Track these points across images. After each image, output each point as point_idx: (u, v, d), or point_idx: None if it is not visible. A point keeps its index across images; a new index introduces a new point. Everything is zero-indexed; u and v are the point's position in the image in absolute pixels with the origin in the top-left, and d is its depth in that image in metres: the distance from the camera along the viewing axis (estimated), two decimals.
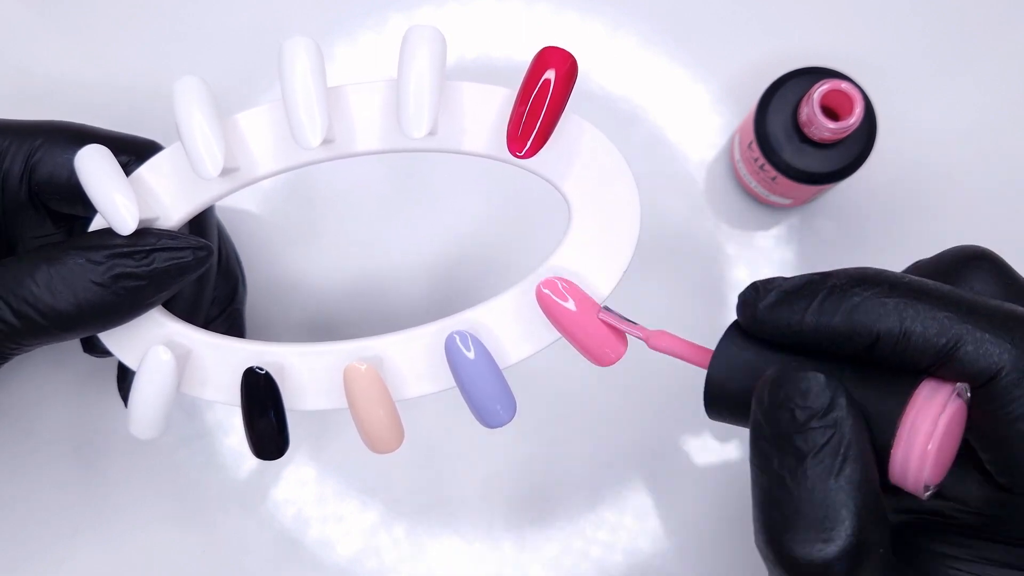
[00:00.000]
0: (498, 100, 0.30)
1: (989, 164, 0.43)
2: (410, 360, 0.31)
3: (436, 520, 0.42)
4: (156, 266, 0.29)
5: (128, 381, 0.31)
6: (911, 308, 0.23)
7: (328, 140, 0.29)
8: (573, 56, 0.28)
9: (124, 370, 0.37)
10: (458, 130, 0.30)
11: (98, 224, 0.31)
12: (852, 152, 0.38)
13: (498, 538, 0.42)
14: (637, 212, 0.30)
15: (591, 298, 0.29)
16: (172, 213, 0.31)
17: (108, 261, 0.29)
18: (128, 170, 0.30)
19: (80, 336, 0.30)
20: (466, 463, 0.42)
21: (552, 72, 0.28)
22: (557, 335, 0.30)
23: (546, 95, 0.28)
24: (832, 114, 0.37)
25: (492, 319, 0.30)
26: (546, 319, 0.29)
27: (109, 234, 0.29)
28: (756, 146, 0.39)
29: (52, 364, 0.42)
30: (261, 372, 0.30)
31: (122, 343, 0.31)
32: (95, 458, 0.42)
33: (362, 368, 0.29)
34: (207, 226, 0.35)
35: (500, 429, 0.30)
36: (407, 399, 0.31)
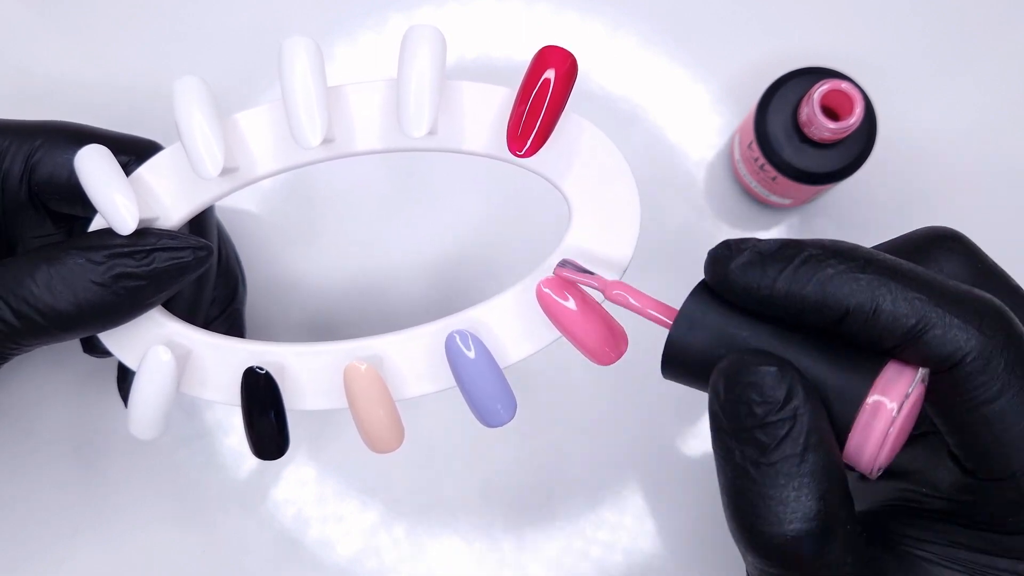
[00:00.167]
0: (498, 99, 0.30)
1: (989, 164, 0.43)
2: (410, 359, 0.31)
3: (436, 520, 0.42)
4: (156, 266, 0.29)
5: (128, 381, 0.31)
6: (884, 286, 0.22)
7: (328, 140, 0.29)
8: (573, 55, 0.28)
9: (124, 370, 0.36)
10: (458, 130, 0.30)
11: (98, 224, 0.31)
12: (852, 152, 0.38)
13: (498, 538, 0.42)
14: (637, 211, 0.30)
15: (591, 297, 0.29)
16: (172, 213, 0.31)
17: (108, 261, 0.29)
18: (128, 170, 0.30)
19: (80, 336, 0.30)
20: (466, 463, 0.42)
21: (552, 71, 0.28)
22: (557, 334, 0.30)
23: (546, 94, 0.28)
24: (832, 114, 0.37)
25: (492, 318, 0.30)
26: (546, 318, 0.29)
27: (109, 234, 0.29)
28: (756, 146, 0.39)
29: (52, 364, 0.42)
30: (261, 372, 0.30)
31: (122, 343, 0.31)
32: (95, 458, 0.42)
33: (362, 368, 0.29)
34: (207, 226, 0.35)
35: (500, 429, 0.30)
36: (407, 399, 0.31)
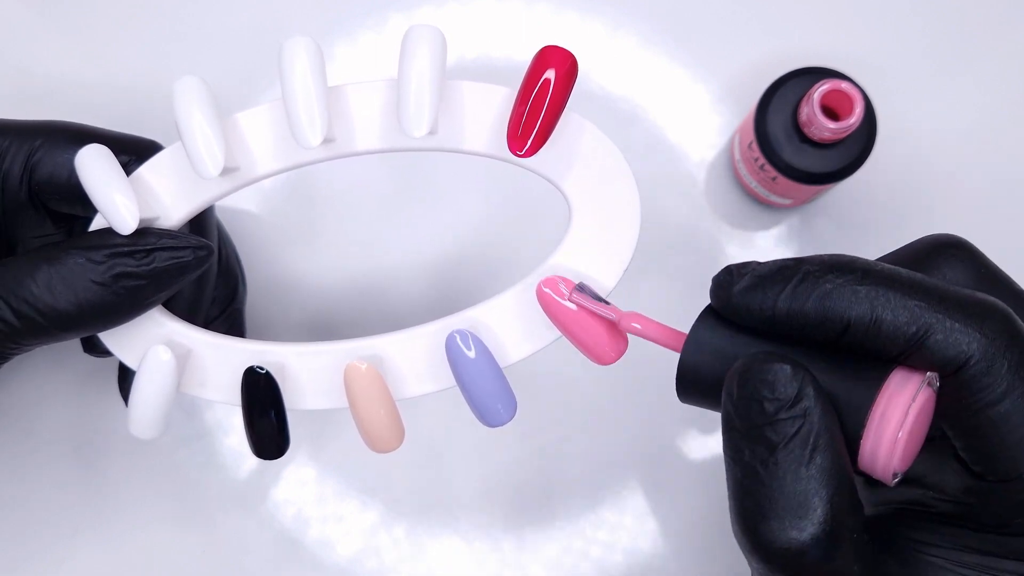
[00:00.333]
0: (498, 99, 0.30)
1: (989, 164, 0.43)
2: (410, 359, 0.31)
3: (436, 520, 0.42)
4: (156, 265, 0.29)
5: (129, 381, 0.31)
6: (882, 296, 0.23)
7: (328, 139, 0.29)
8: (573, 55, 0.28)
9: (125, 370, 0.36)
10: (458, 129, 0.30)
11: (98, 224, 0.31)
12: (852, 152, 0.38)
13: (498, 538, 0.42)
14: (637, 211, 0.30)
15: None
16: (172, 213, 0.31)
17: (108, 260, 0.29)
18: (128, 170, 0.30)
19: (80, 336, 0.30)
20: (466, 463, 0.42)
21: (552, 71, 0.28)
22: (557, 334, 0.30)
23: (546, 94, 0.28)
24: (832, 114, 0.37)
25: (492, 318, 0.30)
26: (546, 318, 0.29)
27: (109, 234, 0.29)
28: (756, 146, 0.39)
29: (52, 364, 0.42)
30: (261, 371, 0.30)
31: (122, 343, 0.31)
32: (95, 458, 0.42)
33: (362, 367, 0.29)
34: (207, 226, 0.35)
35: (500, 428, 0.30)
36: (407, 398, 0.31)
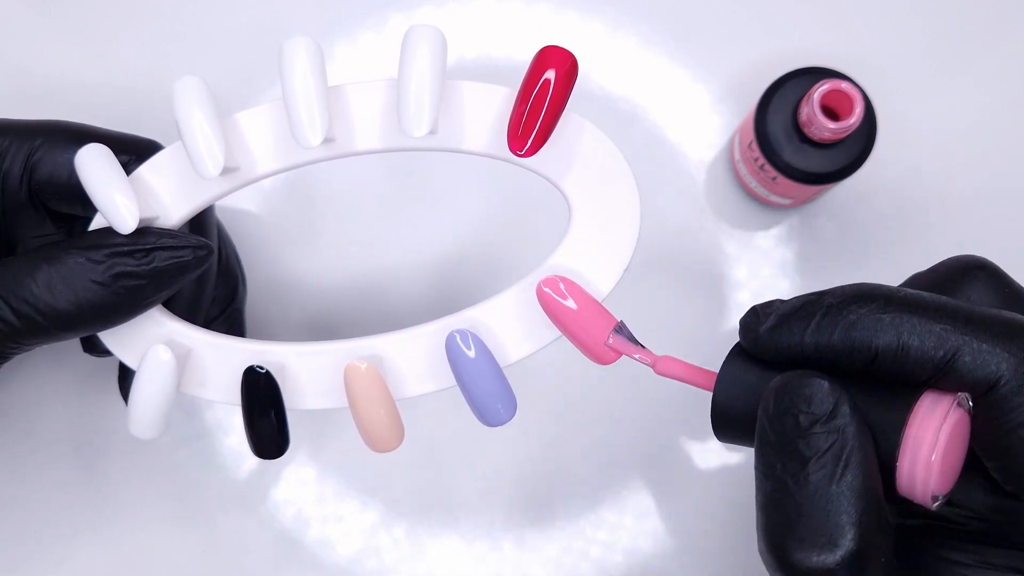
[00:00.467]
0: (498, 99, 0.30)
1: (989, 164, 0.43)
2: (410, 359, 0.31)
3: (436, 520, 0.42)
4: (156, 265, 0.29)
5: (129, 381, 0.31)
6: (907, 322, 0.23)
7: (328, 139, 0.29)
8: (573, 55, 0.28)
9: (125, 370, 0.36)
10: (458, 129, 0.30)
11: (98, 223, 0.31)
12: (852, 152, 0.38)
13: (498, 538, 0.42)
14: (637, 211, 0.30)
15: (592, 296, 0.29)
16: (172, 212, 0.31)
17: (108, 260, 0.29)
18: (128, 170, 0.30)
19: (80, 335, 0.30)
20: (466, 463, 0.42)
21: (553, 71, 0.28)
22: (557, 334, 0.30)
23: (546, 94, 0.28)
24: (832, 114, 0.37)
25: (492, 318, 0.30)
26: (546, 318, 0.29)
27: (109, 233, 0.29)
28: (756, 146, 0.39)
29: (52, 364, 0.42)
30: (261, 371, 0.30)
31: (122, 343, 0.31)
32: (95, 458, 0.42)
33: (362, 367, 0.29)
34: (207, 226, 0.35)
35: (500, 428, 0.30)
36: (407, 398, 0.31)
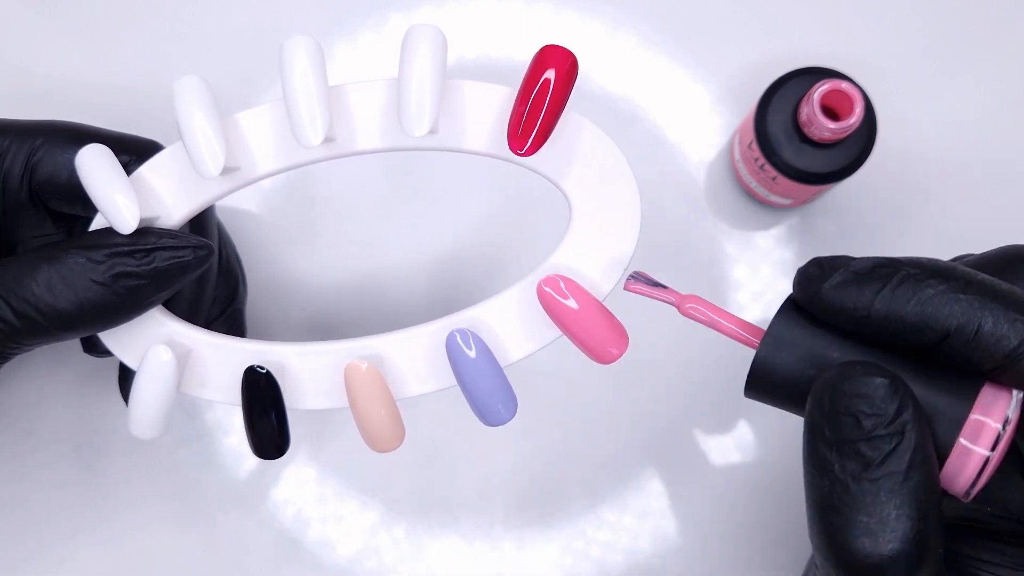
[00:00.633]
0: (499, 99, 0.30)
1: (989, 164, 0.43)
2: (411, 359, 0.31)
3: (436, 520, 0.42)
4: (157, 265, 0.29)
5: (129, 381, 0.31)
6: (986, 307, 0.22)
7: (329, 139, 0.29)
8: (574, 55, 0.28)
9: (126, 370, 0.36)
10: (459, 129, 0.30)
11: (98, 223, 0.31)
12: (852, 152, 0.38)
13: (498, 538, 0.42)
14: (637, 211, 0.30)
15: (592, 296, 0.29)
16: (173, 212, 0.31)
17: (109, 260, 0.29)
18: (129, 170, 0.30)
19: (80, 335, 0.30)
20: (466, 463, 0.42)
21: (553, 71, 0.28)
22: (558, 333, 0.30)
23: (547, 93, 0.28)
24: (832, 114, 0.37)
25: (493, 317, 0.30)
26: (547, 317, 0.29)
27: (110, 233, 0.29)
28: (756, 146, 0.39)
29: (52, 364, 0.42)
30: (262, 371, 0.30)
31: (122, 343, 0.31)
32: (95, 458, 0.42)
33: (363, 367, 0.29)
34: (207, 226, 0.35)
35: (501, 428, 0.30)
36: (408, 398, 0.31)
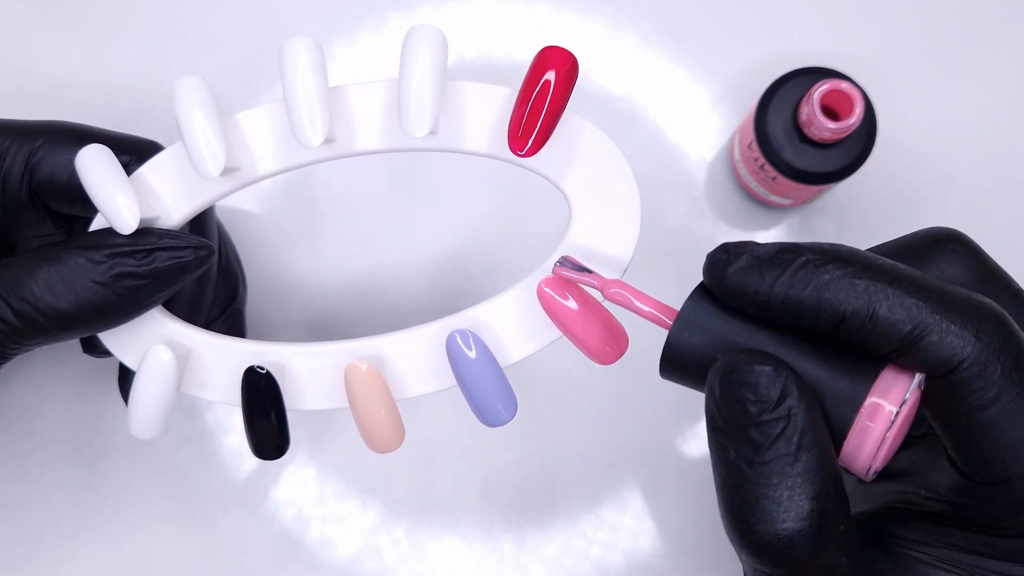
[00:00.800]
0: (499, 99, 0.30)
1: (989, 164, 0.43)
2: (411, 359, 0.31)
3: (436, 520, 0.42)
4: (157, 265, 0.29)
5: (129, 381, 0.31)
6: (882, 292, 0.22)
7: (329, 139, 0.29)
8: (574, 56, 0.28)
9: (125, 370, 0.36)
10: (459, 129, 0.30)
11: (99, 224, 0.31)
12: (852, 152, 0.38)
13: (498, 538, 0.42)
14: (637, 211, 0.30)
15: (592, 297, 0.29)
16: (173, 213, 0.31)
17: (109, 260, 0.29)
18: (129, 170, 0.30)
19: (80, 336, 0.30)
20: (466, 463, 0.42)
21: (553, 72, 0.28)
22: (558, 333, 0.30)
23: (547, 94, 0.28)
24: (832, 114, 0.37)
25: (493, 317, 0.30)
26: (547, 317, 0.29)
27: (110, 233, 0.29)
28: (756, 146, 0.39)
29: (52, 364, 0.42)
30: (262, 371, 0.30)
31: (122, 343, 0.31)
32: (95, 458, 0.42)
33: (363, 367, 0.29)
34: (207, 226, 0.35)
35: (501, 428, 0.30)
36: (408, 398, 0.31)
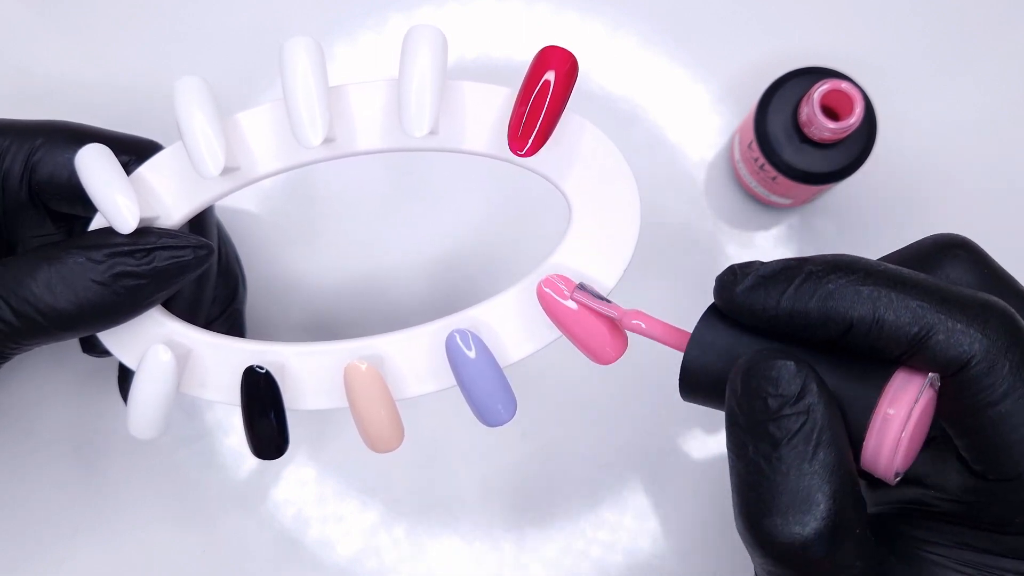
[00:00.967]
0: (499, 99, 0.30)
1: (989, 164, 0.43)
2: (411, 359, 0.31)
3: (436, 520, 0.42)
4: (156, 265, 0.29)
5: (129, 381, 0.31)
6: (885, 296, 0.23)
7: (329, 139, 0.29)
8: (574, 56, 0.28)
9: (125, 370, 0.36)
10: (459, 129, 0.30)
11: (98, 223, 0.31)
12: (852, 152, 0.38)
13: (498, 538, 0.42)
14: (637, 211, 0.30)
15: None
16: (173, 212, 0.31)
17: (108, 260, 0.29)
18: (129, 170, 0.30)
19: (80, 335, 0.30)
20: (466, 463, 0.42)
21: (553, 72, 0.28)
22: (558, 333, 0.30)
23: (547, 94, 0.28)
24: (832, 114, 0.37)
25: (493, 317, 0.30)
26: (547, 317, 0.29)
27: (109, 233, 0.29)
28: (756, 146, 0.39)
29: (52, 364, 0.42)
30: (261, 371, 0.30)
31: (122, 343, 0.31)
32: (95, 458, 0.42)
33: (362, 367, 0.29)
34: (207, 226, 0.35)
35: (500, 428, 0.30)
36: (407, 398, 0.31)
